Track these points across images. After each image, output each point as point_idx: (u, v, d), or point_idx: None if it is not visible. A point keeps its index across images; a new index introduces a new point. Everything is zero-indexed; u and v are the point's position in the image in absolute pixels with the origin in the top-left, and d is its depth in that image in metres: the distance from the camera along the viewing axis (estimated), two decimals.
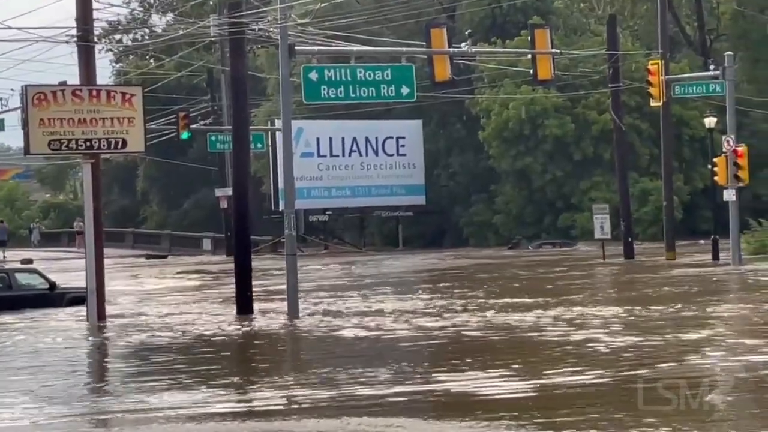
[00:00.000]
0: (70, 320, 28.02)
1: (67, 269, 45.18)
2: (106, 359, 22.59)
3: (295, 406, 15.47)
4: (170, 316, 28.75)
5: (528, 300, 29.02)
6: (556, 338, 21.33)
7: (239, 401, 16.10)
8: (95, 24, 30.34)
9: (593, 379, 16.56)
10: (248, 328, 25.67)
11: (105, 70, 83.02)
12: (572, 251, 55.84)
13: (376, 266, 49.54)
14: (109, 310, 28.38)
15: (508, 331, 22.82)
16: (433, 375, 17.54)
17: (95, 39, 30.91)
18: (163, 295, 36.37)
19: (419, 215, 70.65)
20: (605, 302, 28.04)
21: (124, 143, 27.04)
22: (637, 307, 26.09)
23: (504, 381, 16.65)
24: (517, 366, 18.11)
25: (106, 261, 29.32)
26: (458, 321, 24.85)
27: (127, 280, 43.87)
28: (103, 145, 26.87)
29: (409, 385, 16.37)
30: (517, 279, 38.31)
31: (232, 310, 28.61)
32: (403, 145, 69.24)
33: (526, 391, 15.81)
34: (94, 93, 26.90)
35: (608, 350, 19.51)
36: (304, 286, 33.26)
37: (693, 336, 21.01)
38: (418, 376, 17.49)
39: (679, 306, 26.21)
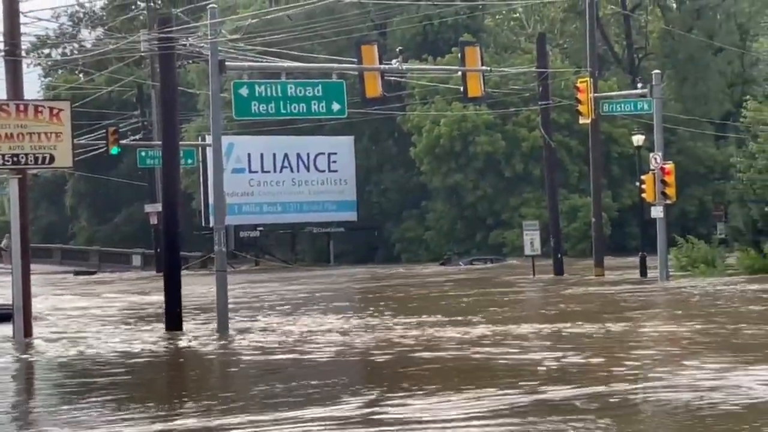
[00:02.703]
0: None
1: None
2: (28, 379, 22.19)
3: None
4: (97, 332, 28.45)
5: (444, 318, 28.92)
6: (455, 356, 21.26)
7: (152, 421, 15.67)
8: (23, 38, 30.07)
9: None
10: (174, 346, 25.33)
11: (34, 85, 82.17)
12: (502, 267, 56.03)
13: (308, 282, 49.38)
14: (37, 327, 28.02)
15: (409, 348, 22.74)
16: (358, 396, 17.26)
17: (23, 53, 30.60)
18: (91, 311, 35.99)
19: (351, 231, 70.70)
20: (520, 320, 27.96)
21: (52, 158, 26.72)
22: (554, 324, 26.18)
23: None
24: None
25: (33, 277, 28.96)
26: (389, 337, 24.82)
27: (55, 297, 43.35)
28: (30, 161, 26.54)
29: (329, 406, 16.06)
30: (444, 296, 38.27)
31: (161, 326, 28.39)
32: (334, 161, 69.26)
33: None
34: (21, 108, 26.57)
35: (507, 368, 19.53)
36: (236, 302, 33.10)
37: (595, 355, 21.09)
38: (340, 397, 17.14)
39: (596, 323, 26.32)
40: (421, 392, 16.82)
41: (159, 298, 30.96)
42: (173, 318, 28.24)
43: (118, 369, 21.66)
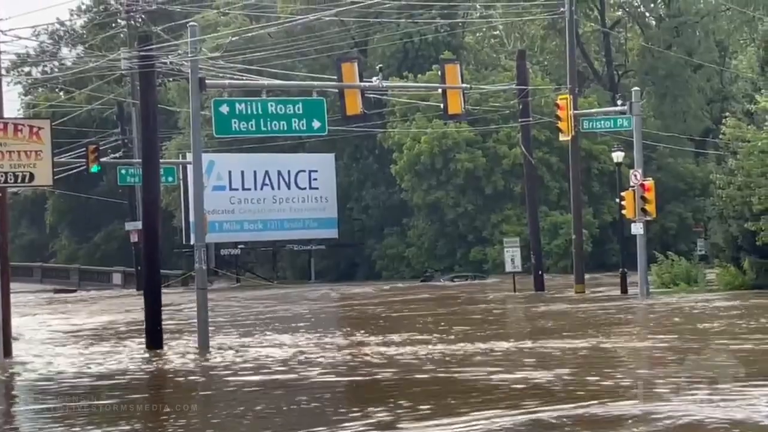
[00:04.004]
0: None
1: None
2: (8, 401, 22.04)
3: None
4: (78, 351, 28.32)
5: (425, 336, 28.91)
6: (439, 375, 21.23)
7: None
8: (3, 56, 30.01)
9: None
10: (154, 366, 25.19)
11: (14, 103, 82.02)
12: (483, 284, 56.03)
13: (289, 300, 49.31)
14: (16, 346, 27.87)
15: (391, 366, 22.73)
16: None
17: (3, 71, 30.54)
18: (71, 330, 35.85)
19: (332, 248, 70.71)
20: (496, 337, 27.95)
21: (32, 177, 26.62)
22: (535, 341, 26.20)
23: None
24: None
25: (13, 296, 28.82)
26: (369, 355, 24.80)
27: (35, 316, 43.18)
28: (10, 179, 26.42)
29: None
30: (427, 313, 38.27)
31: (142, 344, 28.29)
32: (315, 179, 69.28)
33: None
34: (1, 126, 26.45)
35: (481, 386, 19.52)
36: (217, 320, 33.03)
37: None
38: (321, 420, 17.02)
39: (578, 340, 26.36)
40: (408, 416, 16.78)
41: (139, 316, 30.83)
42: (154, 336, 28.14)
43: (95, 391, 21.45)
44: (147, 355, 27.02)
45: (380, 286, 57.93)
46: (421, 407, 17.08)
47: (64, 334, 34.28)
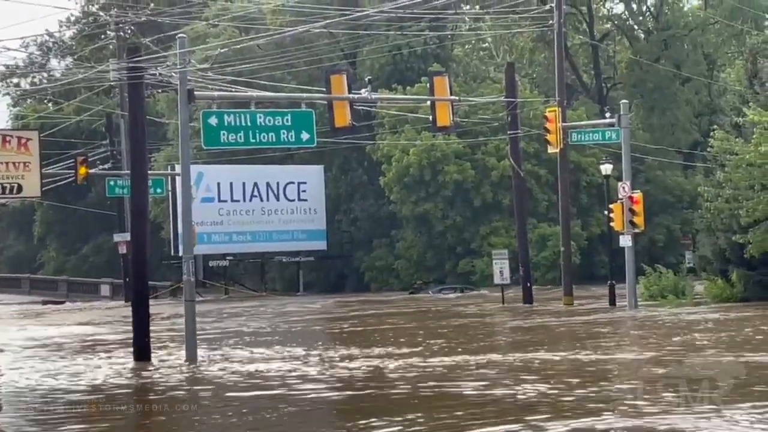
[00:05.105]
0: None
1: None
2: None
3: None
4: (64, 366, 28.21)
5: (410, 349, 28.89)
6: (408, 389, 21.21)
7: None
8: None
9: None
10: (142, 378, 25.13)
11: (2, 114, 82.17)
12: (472, 296, 56.02)
13: (278, 312, 49.26)
14: (1, 358, 27.79)
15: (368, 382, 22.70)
16: None
17: None
18: (58, 342, 35.75)
19: (320, 260, 70.68)
20: (491, 350, 27.95)
21: (20, 188, 26.59)
22: (525, 354, 26.19)
23: None
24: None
25: (0, 307, 28.76)
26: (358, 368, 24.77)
27: (23, 327, 43.06)
28: None
29: None
30: (416, 325, 38.27)
31: (130, 356, 28.22)
32: (304, 191, 69.26)
33: None
34: None
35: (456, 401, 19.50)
36: (206, 332, 32.98)
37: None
38: None
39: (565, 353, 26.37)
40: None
41: (128, 327, 30.76)
42: (142, 348, 28.09)
43: (81, 406, 21.31)
44: (135, 366, 26.96)
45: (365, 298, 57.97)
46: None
47: (51, 346, 34.17)
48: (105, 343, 34.97)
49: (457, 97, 37.84)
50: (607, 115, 47.87)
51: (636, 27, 75.34)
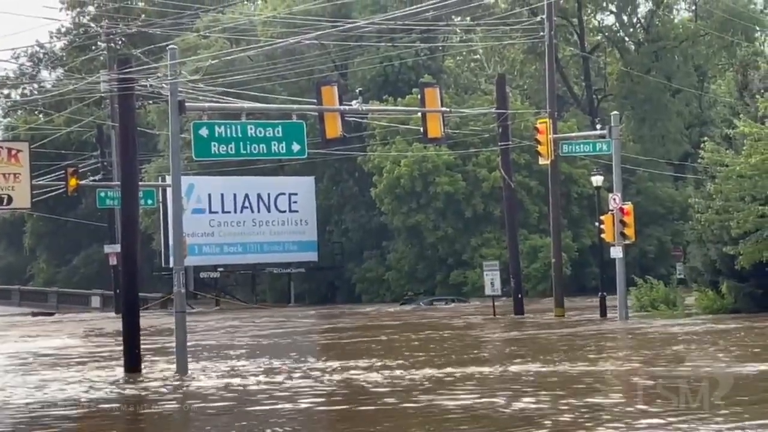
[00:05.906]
0: None
1: None
2: None
3: None
4: (54, 378, 28.10)
5: (400, 362, 28.84)
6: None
7: None
8: None
9: None
10: (131, 392, 24.96)
11: None
12: (463, 308, 55.97)
13: (270, 323, 49.18)
14: None
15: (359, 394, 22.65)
16: None
17: None
18: (49, 353, 35.64)
19: (311, 271, 70.63)
20: (482, 362, 27.89)
21: (10, 199, 26.55)
22: (517, 366, 26.14)
23: None
24: None
25: None
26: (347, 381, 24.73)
27: (12, 339, 42.92)
28: None
29: None
30: (406, 338, 38.19)
31: (120, 368, 28.13)
32: (295, 202, 69.22)
33: None
34: None
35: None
36: (198, 343, 32.88)
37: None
38: None
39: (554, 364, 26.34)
40: None
41: (118, 339, 30.65)
42: (132, 359, 28.01)
43: (71, 419, 21.21)
44: (125, 378, 26.86)
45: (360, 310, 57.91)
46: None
47: (40, 358, 34.04)
48: (95, 353, 34.82)
49: (448, 109, 37.91)
50: (598, 126, 47.93)
51: (627, 39, 75.51)
